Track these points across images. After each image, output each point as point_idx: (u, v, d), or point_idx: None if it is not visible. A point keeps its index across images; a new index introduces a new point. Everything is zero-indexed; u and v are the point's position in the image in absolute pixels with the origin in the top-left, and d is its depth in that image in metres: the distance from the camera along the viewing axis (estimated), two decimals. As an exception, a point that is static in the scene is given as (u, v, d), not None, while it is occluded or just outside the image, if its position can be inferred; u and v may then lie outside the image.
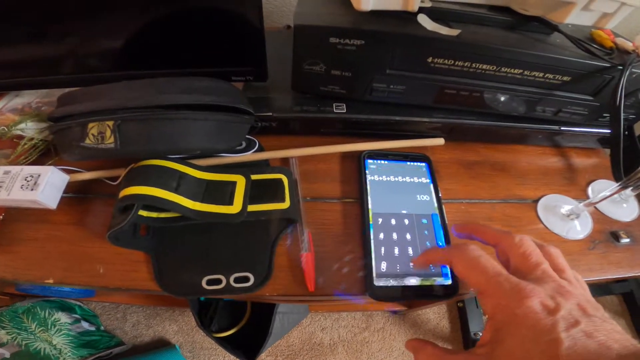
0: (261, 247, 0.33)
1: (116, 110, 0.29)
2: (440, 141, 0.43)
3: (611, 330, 0.19)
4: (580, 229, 0.41)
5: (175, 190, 0.31)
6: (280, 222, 0.35)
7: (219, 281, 0.31)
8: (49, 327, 0.70)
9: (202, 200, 0.32)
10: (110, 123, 0.29)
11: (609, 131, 0.41)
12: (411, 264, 0.33)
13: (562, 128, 0.44)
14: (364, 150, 0.41)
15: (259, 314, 0.76)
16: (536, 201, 0.42)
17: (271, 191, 0.34)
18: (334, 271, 0.34)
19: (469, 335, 0.96)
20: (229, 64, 0.40)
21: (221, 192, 0.33)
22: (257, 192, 0.34)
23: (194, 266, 0.32)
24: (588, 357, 0.18)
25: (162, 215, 0.33)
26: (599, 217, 0.42)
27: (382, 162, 0.41)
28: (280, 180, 0.35)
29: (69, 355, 0.70)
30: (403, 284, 0.32)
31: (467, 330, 0.97)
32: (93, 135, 0.29)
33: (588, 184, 0.45)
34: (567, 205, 0.42)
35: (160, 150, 0.30)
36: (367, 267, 0.33)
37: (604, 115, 0.43)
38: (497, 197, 0.42)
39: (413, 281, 0.33)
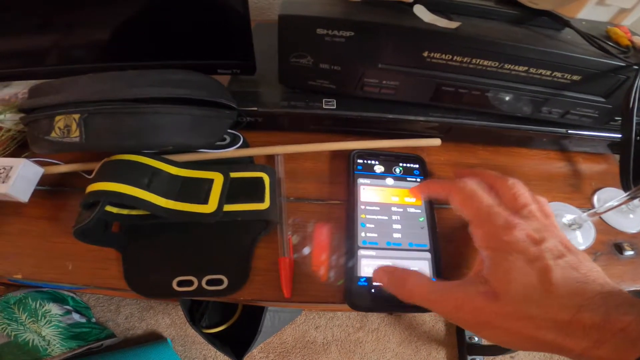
0: (238, 248, 0.31)
1: (83, 103, 0.27)
2: (436, 142, 0.40)
3: (592, 267, 0.21)
4: (582, 240, 0.37)
5: (147, 187, 0.29)
6: (259, 223, 0.32)
7: (190, 283, 0.29)
8: (39, 318, 0.70)
9: (176, 198, 0.30)
10: (77, 116, 0.27)
11: (620, 136, 0.37)
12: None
13: (569, 131, 0.41)
14: (354, 149, 0.38)
15: (250, 312, 0.74)
16: (537, 209, 0.39)
17: (250, 190, 0.32)
18: (313, 277, 0.31)
19: (464, 339, 0.93)
20: (214, 56, 0.38)
21: (196, 190, 0.30)
22: (235, 191, 0.31)
23: (166, 266, 0.30)
24: (576, 286, 0.20)
25: (134, 212, 0.31)
26: (603, 227, 0.39)
27: (373, 162, 0.38)
28: (261, 179, 0.33)
29: (58, 347, 0.69)
30: (386, 294, 0.30)
31: (462, 334, 0.94)
32: (59, 128, 0.27)
33: (594, 192, 0.42)
34: (569, 214, 0.39)
35: (128, 145, 0.28)
36: (349, 274, 0.30)
37: (616, 118, 0.39)
38: (494, 204, 0.39)
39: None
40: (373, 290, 0.30)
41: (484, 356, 0.91)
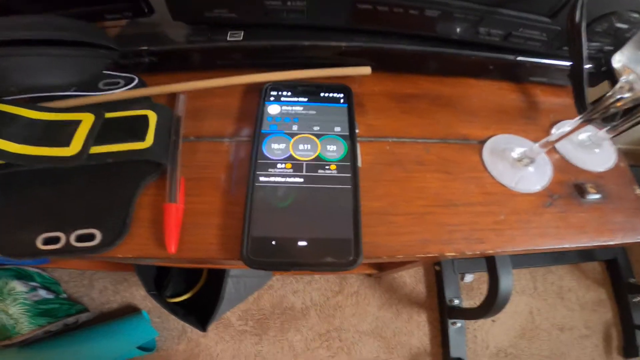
0: (116, 197, 0.26)
1: None
2: (365, 70, 0.34)
3: None
4: (534, 178, 0.32)
5: (-4, 132, 0.24)
6: (145, 167, 0.27)
7: (57, 240, 0.25)
8: (5, 297, 0.67)
9: (35, 144, 0.25)
10: None
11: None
12: (302, 223, 0.26)
13: (519, 58, 0.34)
14: (267, 82, 0.33)
15: (214, 278, 0.71)
16: (483, 142, 0.34)
17: (129, 130, 0.27)
18: (207, 228, 0.27)
19: (444, 302, 0.90)
20: (98, 2, 0.32)
21: (59, 134, 0.25)
22: (110, 131, 0.26)
23: (33, 223, 0.26)
24: None
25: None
26: (562, 165, 0.34)
27: (288, 94, 0.32)
28: (143, 118, 0.27)
29: (26, 325, 0.67)
30: (289, 248, 0.25)
31: (442, 296, 0.92)
32: None
33: (553, 124, 0.36)
34: (520, 147, 0.33)
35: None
36: (246, 224, 0.26)
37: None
38: (433, 135, 0.33)
39: (302, 244, 0.25)
40: (274, 243, 0.25)
41: (465, 320, 0.89)
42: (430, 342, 0.91)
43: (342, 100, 0.33)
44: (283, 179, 0.27)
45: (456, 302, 0.91)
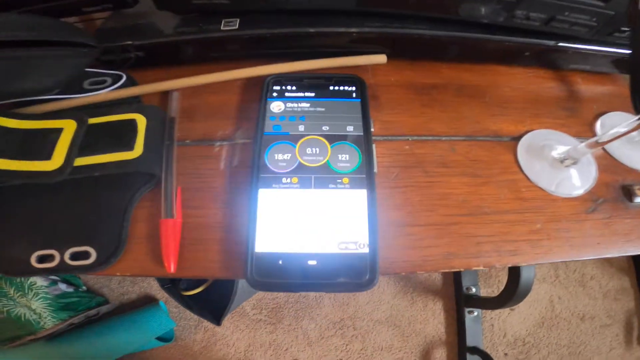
0: (109, 212, 0.24)
1: None
2: (380, 58, 0.29)
3: None
4: (578, 181, 0.28)
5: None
6: (138, 178, 0.25)
7: (51, 257, 0.23)
8: (26, 292, 0.68)
9: (13, 156, 0.22)
10: None
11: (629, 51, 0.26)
12: (311, 239, 0.23)
13: (560, 44, 0.29)
14: (269, 75, 0.29)
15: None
16: (517, 139, 0.29)
17: (116, 137, 0.24)
18: (208, 244, 0.24)
19: (461, 290, 0.87)
20: None
21: (39, 144, 0.23)
22: (95, 139, 0.24)
23: (24, 239, 0.24)
24: None
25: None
26: (608, 163, 0.29)
27: (293, 88, 0.29)
28: (131, 122, 0.24)
29: (49, 319, 0.68)
30: (298, 269, 0.22)
31: (459, 284, 0.89)
32: None
33: (597, 117, 0.31)
34: (562, 145, 0.29)
35: None
36: (250, 240, 0.23)
37: (622, 29, 0.27)
38: (459, 132, 0.29)
39: (312, 262, 0.22)
40: (281, 262, 0.22)
41: (482, 309, 0.86)
42: (445, 330, 0.89)
43: (354, 95, 0.29)
44: (289, 193, 0.24)
45: (473, 290, 0.88)
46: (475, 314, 0.86)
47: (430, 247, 0.25)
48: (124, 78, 0.28)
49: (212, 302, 0.67)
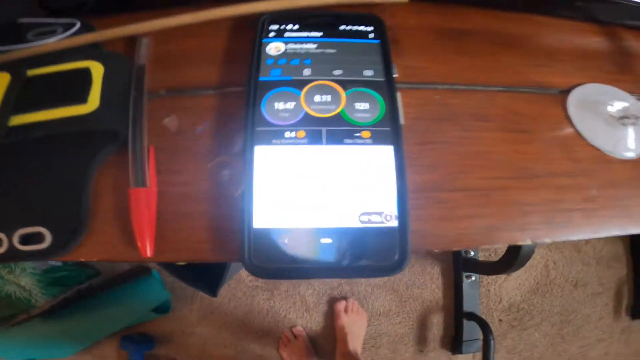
0: (64, 182, 0.18)
1: None
2: (401, -7, 0.23)
3: None
4: (633, 143, 0.23)
5: None
6: (97, 138, 0.19)
7: (-1, 242, 0.18)
8: (14, 268, 0.64)
9: None
10: None
11: None
12: (324, 210, 0.18)
13: None
14: (265, 12, 0.22)
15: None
16: (566, 92, 0.24)
17: (64, 90, 0.18)
18: (193, 219, 0.19)
19: (459, 254, 0.86)
20: None
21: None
22: (37, 94, 0.18)
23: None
24: None
25: None
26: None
27: (295, 27, 0.22)
28: (84, 70, 0.18)
29: (40, 296, 0.65)
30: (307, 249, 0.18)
31: (458, 252, 0.87)
32: None
33: (655, 70, 0.26)
34: (619, 101, 0.24)
35: None
36: (246, 214, 0.18)
37: None
38: (499, 82, 0.24)
39: (326, 241, 0.18)
40: (286, 241, 0.17)
41: (481, 274, 0.85)
42: (442, 295, 0.89)
43: (371, 35, 0.23)
44: (294, 151, 0.19)
45: (472, 253, 0.87)
46: (473, 278, 0.85)
47: (468, 217, 0.20)
48: (78, 24, 0.21)
49: (207, 272, 0.64)
